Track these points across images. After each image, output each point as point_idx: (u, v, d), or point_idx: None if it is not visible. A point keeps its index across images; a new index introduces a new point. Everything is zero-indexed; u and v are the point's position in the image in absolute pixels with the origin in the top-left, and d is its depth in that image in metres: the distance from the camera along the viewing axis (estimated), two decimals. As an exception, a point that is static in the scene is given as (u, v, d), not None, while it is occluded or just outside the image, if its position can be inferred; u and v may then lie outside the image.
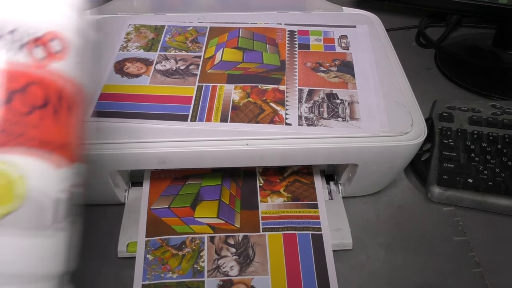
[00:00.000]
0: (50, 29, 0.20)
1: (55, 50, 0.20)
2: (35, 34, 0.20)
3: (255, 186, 0.53)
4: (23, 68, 0.20)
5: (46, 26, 0.20)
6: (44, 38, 0.20)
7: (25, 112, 0.19)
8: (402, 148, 0.45)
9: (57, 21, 0.20)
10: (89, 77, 0.23)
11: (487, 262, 0.49)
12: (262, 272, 0.45)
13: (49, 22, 0.20)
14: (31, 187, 0.20)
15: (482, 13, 0.74)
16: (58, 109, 0.20)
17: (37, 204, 0.20)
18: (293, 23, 0.59)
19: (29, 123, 0.19)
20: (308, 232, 0.48)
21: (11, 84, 0.19)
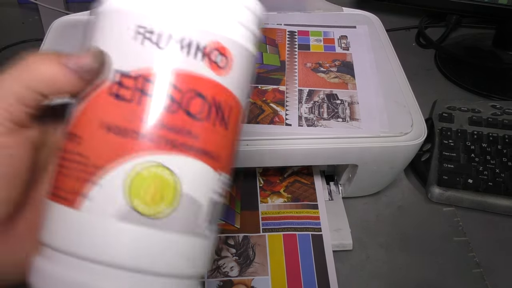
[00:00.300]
0: (216, 40, 0.22)
1: (222, 65, 0.22)
2: (203, 42, 0.22)
3: (255, 187, 0.53)
4: (193, 72, 0.21)
5: (213, 38, 0.22)
6: (208, 47, 0.22)
7: (191, 121, 0.22)
8: (402, 148, 0.45)
9: (225, 37, 0.22)
10: (246, 95, 0.24)
11: (487, 262, 0.49)
12: (262, 272, 0.45)
13: (216, 35, 0.22)
14: (190, 189, 0.22)
15: (482, 13, 0.74)
16: (217, 120, 0.22)
17: (193, 204, 0.22)
18: (293, 23, 0.59)
19: (194, 130, 0.22)
20: (308, 233, 0.48)
21: (185, 89, 0.21)
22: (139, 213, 0.21)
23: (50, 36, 0.56)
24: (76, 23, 0.58)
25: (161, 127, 0.21)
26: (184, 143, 0.21)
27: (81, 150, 0.22)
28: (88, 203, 0.21)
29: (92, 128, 0.22)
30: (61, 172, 0.22)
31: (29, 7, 0.85)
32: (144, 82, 0.21)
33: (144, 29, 0.22)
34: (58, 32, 0.57)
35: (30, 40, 0.77)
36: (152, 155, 0.21)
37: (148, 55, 0.21)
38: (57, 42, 0.55)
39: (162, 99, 0.21)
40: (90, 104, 0.22)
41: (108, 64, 0.22)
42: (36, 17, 0.83)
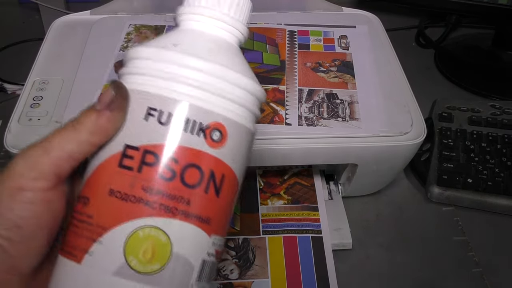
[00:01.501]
0: (216, 121, 0.25)
1: (216, 139, 0.25)
2: (205, 122, 0.24)
3: (255, 189, 0.53)
4: (193, 147, 0.24)
5: (214, 118, 0.25)
6: (210, 127, 0.24)
7: (185, 189, 0.24)
8: (402, 148, 0.46)
9: (225, 116, 0.25)
10: (242, 171, 0.27)
11: (486, 261, 0.49)
12: (262, 275, 0.45)
13: (218, 116, 0.25)
14: (181, 249, 0.24)
15: (482, 13, 0.74)
16: (210, 188, 0.25)
17: (185, 264, 0.24)
18: (293, 23, 0.59)
19: (186, 197, 0.24)
20: (308, 235, 0.48)
21: (182, 161, 0.24)
22: (132, 269, 0.23)
23: (51, 36, 0.56)
24: (77, 23, 0.58)
25: (157, 194, 0.23)
26: (178, 209, 0.24)
27: (88, 211, 0.24)
28: (89, 258, 0.23)
29: (97, 192, 0.24)
30: (71, 230, 0.25)
31: (29, 7, 0.85)
32: (146, 154, 0.24)
33: (154, 111, 0.24)
34: (59, 31, 0.57)
35: (31, 39, 0.77)
36: (149, 218, 0.23)
37: (153, 132, 0.24)
38: (57, 42, 0.55)
39: (161, 169, 0.24)
40: (98, 170, 0.25)
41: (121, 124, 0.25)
42: (36, 16, 0.83)
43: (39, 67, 0.51)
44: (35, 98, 0.47)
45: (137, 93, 0.25)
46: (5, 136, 0.44)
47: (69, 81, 0.49)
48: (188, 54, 0.25)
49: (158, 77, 0.24)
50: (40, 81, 0.49)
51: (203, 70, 0.24)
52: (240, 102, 0.26)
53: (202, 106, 0.24)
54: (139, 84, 0.25)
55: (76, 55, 0.52)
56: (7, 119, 0.45)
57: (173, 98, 0.24)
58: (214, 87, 0.25)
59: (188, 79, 0.24)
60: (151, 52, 0.25)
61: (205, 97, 0.24)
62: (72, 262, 0.24)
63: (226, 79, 0.25)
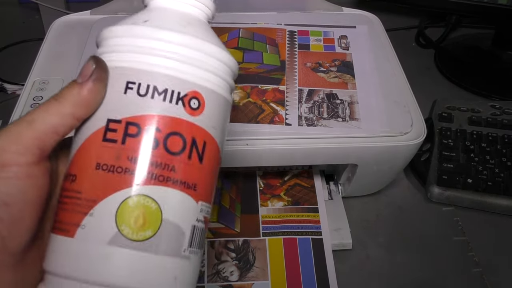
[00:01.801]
0: (193, 89, 0.25)
1: (194, 107, 0.25)
2: (183, 91, 0.25)
3: (255, 190, 0.52)
4: (174, 116, 0.25)
5: (191, 87, 0.25)
6: (187, 95, 0.25)
7: (170, 156, 0.25)
8: (402, 148, 0.46)
9: (201, 85, 0.26)
10: (223, 137, 0.28)
11: (486, 261, 0.49)
12: (262, 277, 0.45)
13: (194, 84, 0.26)
14: (171, 215, 0.24)
15: (482, 13, 0.74)
16: (193, 155, 0.25)
17: (175, 229, 0.25)
18: (293, 23, 0.59)
19: (171, 164, 0.25)
20: (308, 237, 0.48)
21: (164, 130, 0.25)
22: (125, 237, 0.24)
23: (51, 36, 0.56)
24: (77, 22, 0.58)
25: (142, 162, 0.24)
26: (164, 176, 0.24)
27: (76, 187, 0.25)
28: (81, 231, 0.24)
29: (84, 167, 0.25)
30: (61, 208, 0.25)
31: (29, 7, 0.86)
32: (128, 125, 0.24)
33: (132, 84, 0.25)
34: (59, 31, 0.57)
35: (31, 39, 0.77)
36: (137, 187, 0.24)
37: (134, 104, 0.25)
38: (57, 42, 0.55)
39: (143, 138, 0.24)
40: (82, 147, 0.25)
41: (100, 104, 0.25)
42: (36, 16, 0.83)
43: (39, 67, 0.51)
44: (35, 98, 0.47)
45: (114, 69, 0.25)
46: (5, 136, 0.44)
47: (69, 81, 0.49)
48: (160, 28, 0.26)
49: (133, 52, 0.25)
50: (40, 81, 0.49)
51: (175, 42, 0.25)
52: (214, 72, 0.27)
53: (178, 76, 0.25)
54: (115, 60, 0.26)
55: (76, 55, 0.52)
56: (7, 119, 0.45)
57: (149, 70, 0.25)
58: (188, 58, 0.26)
59: (161, 51, 0.25)
60: (123, 29, 0.26)
61: (180, 67, 0.25)
62: (64, 237, 0.24)
63: (199, 49, 0.26)
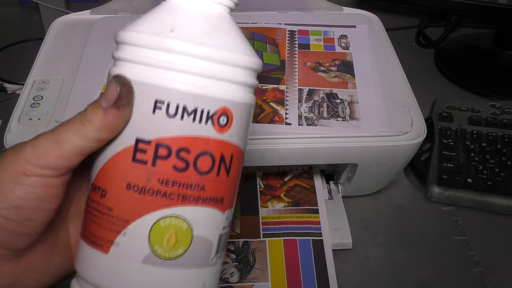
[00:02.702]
0: (222, 106, 0.25)
1: (223, 124, 0.25)
2: (213, 109, 0.25)
3: (255, 191, 0.52)
4: (203, 136, 0.25)
5: (220, 104, 0.25)
6: (217, 113, 0.25)
7: (200, 176, 0.25)
8: (402, 147, 0.46)
9: (229, 100, 0.25)
10: (246, 141, 0.28)
11: (486, 261, 0.49)
12: (262, 278, 0.45)
13: (223, 101, 0.25)
14: (200, 231, 0.26)
15: (482, 13, 0.74)
16: (221, 171, 0.26)
17: (205, 243, 0.26)
18: (293, 23, 0.59)
19: (201, 183, 0.25)
20: (308, 238, 0.48)
21: (194, 151, 0.25)
22: (158, 256, 0.25)
23: (51, 36, 0.56)
24: (77, 22, 0.58)
25: (173, 184, 0.25)
26: (195, 196, 0.25)
27: (107, 203, 0.25)
28: (115, 249, 0.25)
29: (114, 184, 0.25)
30: (90, 219, 0.26)
31: (29, 6, 0.85)
32: (158, 147, 0.24)
33: (161, 103, 0.24)
34: (59, 31, 0.57)
35: (31, 39, 0.77)
36: (168, 208, 0.25)
37: (163, 125, 0.24)
38: (57, 42, 0.55)
39: (173, 160, 0.25)
40: (111, 161, 0.25)
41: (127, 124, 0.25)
42: (36, 16, 0.83)
43: (39, 67, 0.51)
44: (35, 98, 0.47)
45: (141, 84, 0.25)
46: (5, 136, 0.44)
47: (69, 81, 0.49)
48: (187, 41, 0.25)
49: (161, 68, 0.24)
50: (40, 81, 0.49)
51: (204, 57, 0.25)
52: (241, 81, 0.26)
53: (207, 94, 0.25)
54: (142, 75, 0.25)
55: (76, 55, 0.52)
56: (7, 119, 0.45)
57: (178, 89, 0.24)
58: (216, 72, 0.25)
59: (191, 67, 0.24)
60: (150, 40, 0.25)
61: (209, 84, 0.25)
62: (99, 252, 0.25)
63: (227, 62, 0.25)
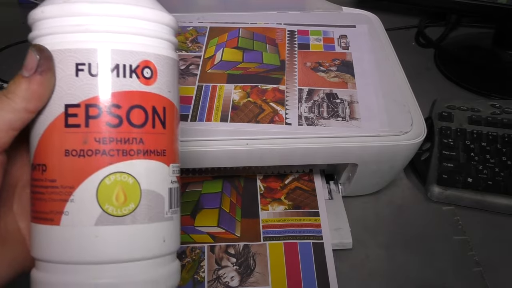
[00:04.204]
0: (144, 59, 0.26)
1: (148, 76, 0.26)
2: (134, 63, 0.25)
3: (255, 194, 0.52)
4: (131, 89, 0.25)
5: (141, 57, 0.26)
6: (139, 66, 0.26)
7: (135, 129, 0.25)
8: (402, 147, 0.46)
9: (150, 52, 0.26)
10: (177, 96, 0.28)
11: (486, 261, 0.49)
12: (263, 282, 0.45)
13: (143, 54, 0.26)
14: (148, 185, 0.26)
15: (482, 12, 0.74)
16: (156, 123, 0.26)
17: (155, 196, 0.26)
18: (293, 23, 0.59)
19: (138, 136, 0.25)
20: (309, 241, 0.48)
21: (124, 105, 0.25)
22: (110, 214, 0.25)
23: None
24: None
25: (110, 141, 0.25)
26: (134, 149, 0.25)
27: (49, 176, 0.25)
28: (66, 218, 0.25)
29: (52, 156, 0.25)
30: (36, 198, 0.26)
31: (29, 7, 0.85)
32: (88, 108, 0.25)
33: (82, 65, 0.25)
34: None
35: (30, 40, 0.77)
36: (110, 166, 0.25)
37: (88, 85, 0.25)
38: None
39: (106, 118, 0.25)
40: (44, 136, 0.26)
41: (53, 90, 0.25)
42: (36, 17, 0.83)
43: (39, 67, 0.51)
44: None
45: (59, 52, 0.25)
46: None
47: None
48: (94, 2, 0.25)
49: (75, 32, 0.25)
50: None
51: (116, 14, 0.25)
52: (158, 35, 0.27)
53: (126, 49, 0.25)
54: (59, 43, 0.25)
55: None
56: (7, 119, 0.45)
57: (96, 48, 0.25)
58: (132, 28, 0.26)
59: (104, 26, 0.25)
60: (59, 9, 0.25)
61: (126, 39, 0.26)
62: (49, 226, 0.25)
63: (139, 17, 0.26)
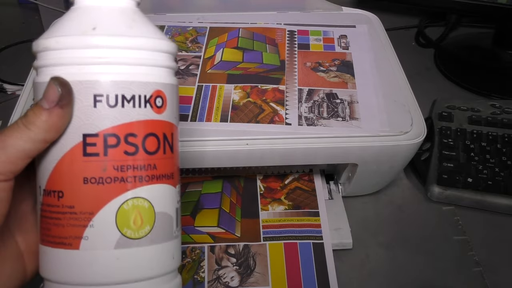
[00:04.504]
0: (156, 89, 0.28)
1: (159, 105, 0.28)
2: (148, 94, 0.27)
3: (255, 194, 0.52)
4: (146, 119, 0.27)
5: (154, 87, 0.28)
6: (152, 96, 0.27)
7: (150, 157, 0.27)
8: (402, 147, 0.46)
9: (160, 82, 0.28)
10: (178, 118, 0.30)
11: (486, 261, 0.49)
12: (263, 282, 0.45)
13: (155, 84, 0.28)
14: (161, 207, 0.28)
15: (482, 12, 0.74)
16: (167, 148, 0.28)
17: (167, 218, 0.28)
18: (292, 23, 0.59)
19: (152, 163, 0.27)
20: (309, 241, 0.48)
21: (140, 134, 0.27)
22: (129, 237, 0.27)
23: (50, 36, 0.56)
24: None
25: (128, 168, 0.27)
26: (149, 175, 0.27)
27: (66, 202, 0.26)
28: (85, 242, 0.26)
29: (70, 183, 0.26)
30: (51, 223, 0.27)
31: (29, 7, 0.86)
32: (107, 137, 0.26)
33: (100, 96, 0.26)
34: (58, 32, 0.57)
35: (30, 40, 0.77)
36: (128, 192, 0.26)
37: (106, 116, 0.26)
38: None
39: (123, 146, 0.26)
40: (60, 163, 0.27)
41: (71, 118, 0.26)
42: (36, 17, 0.83)
43: (39, 68, 0.51)
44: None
45: (78, 83, 0.26)
46: (5, 136, 0.44)
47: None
48: (112, 35, 0.27)
49: (94, 64, 0.26)
50: (40, 81, 0.49)
51: (132, 47, 0.27)
52: (165, 65, 0.29)
53: (141, 80, 0.27)
54: (76, 74, 0.26)
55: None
56: (7, 120, 0.45)
57: (115, 81, 0.26)
58: (146, 59, 0.28)
59: (121, 59, 0.27)
60: (77, 40, 0.27)
61: (141, 71, 0.27)
62: (68, 250, 0.26)
63: (153, 49, 0.28)
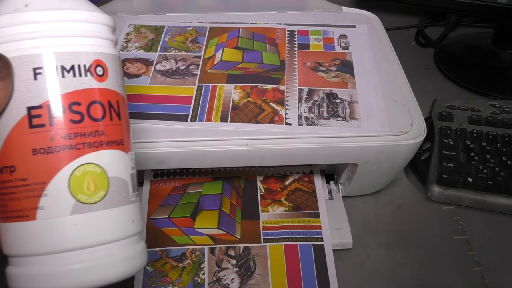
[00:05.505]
0: (95, 58, 0.28)
1: (100, 73, 0.28)
2: (88, 63, 0.28)
3: (255, 195, 0.52)
4: (88, 87, 0.28)
5: (93, 57, 0.28)
6: (92, 65, 0.28)
7: (96, 123, 0.28)
8: (402, 147, 0.46)
9: (99, 52, 0.29)
10: (124, 89, 0.31)
11: (487, 261, 0.49)
12: (263, 284, 0.45)
13: (94, 54, 0.28)
14: (114, 172, 0.28)
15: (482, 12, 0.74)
16: (113, 115, 0.29)
17: (121, 182, 0.29)
18: (292, 23, 0.59)
19: (100, 129, 0.28)
20: (309, 243, 0.48)
21: (84, 102, 0.27)
22: (84, 203, 0.27)
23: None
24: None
25: (75, 136, 0.27)
26: (98, 141, 0.28)
27: (19, 176, 0.27)
28: (42, 212, 0.26)
29: (20, 157, 0.27)
30: (8, 198, 0.27)
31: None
32: (50, 108, 0.27)
33: (40, 69, 0.27)
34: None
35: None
36: (78, 158, 0.27)
37: (48, 87, 0.27)
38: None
39: (69, 115, 0.27)
40: (8, 139, 0.27)
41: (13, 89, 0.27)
42: (36, 17, 0.83)
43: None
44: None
45: (17, 59, 0.27)
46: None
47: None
48: (45, 9, 0.27)
49: (30, 39, 0.27)
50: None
51: (65, 19, 0.28)
52: (103, 36, 0.29)
53: (79, 50, 0.28)
54: (15, 50, 0.27)
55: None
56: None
57: (51, 52, 0.27)
58: (80, 31, 0.28)
59: (57, 31, 0.27)
60: (10, 18, 0.27)
61: (78, 42, 0.28)
62: (26, 222, 0.27)
63: (86, 20, 0.28)
